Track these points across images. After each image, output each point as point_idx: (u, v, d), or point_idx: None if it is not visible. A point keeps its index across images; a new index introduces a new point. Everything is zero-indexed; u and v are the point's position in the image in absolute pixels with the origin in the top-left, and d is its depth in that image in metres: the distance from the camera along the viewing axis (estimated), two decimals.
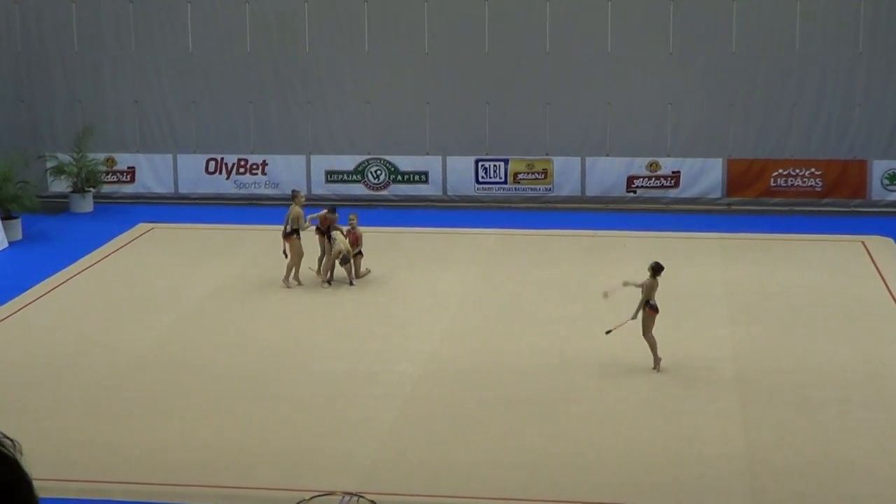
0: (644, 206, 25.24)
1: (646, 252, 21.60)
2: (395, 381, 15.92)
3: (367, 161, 25.92)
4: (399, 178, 25.91)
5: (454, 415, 14.88)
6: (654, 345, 16.09)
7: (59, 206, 25.33)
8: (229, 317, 18.62)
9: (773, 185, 25.18)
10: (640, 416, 14.80)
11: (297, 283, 19.96)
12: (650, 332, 16.07)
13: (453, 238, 23.12)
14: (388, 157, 25.87)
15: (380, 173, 25.90)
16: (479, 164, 25.72)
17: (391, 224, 23.45)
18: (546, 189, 25.63)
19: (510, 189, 25.70)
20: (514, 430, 14.39)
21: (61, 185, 25.76)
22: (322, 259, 20.22)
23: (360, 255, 20.25)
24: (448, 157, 25.76)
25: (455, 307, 19.00)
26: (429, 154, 25.81)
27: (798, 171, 25.09)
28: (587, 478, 13.25)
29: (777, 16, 24.63)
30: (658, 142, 25.28)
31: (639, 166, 25.37)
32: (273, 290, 19.83)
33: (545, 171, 25.60)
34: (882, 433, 14.31)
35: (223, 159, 26.20)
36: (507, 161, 25.65)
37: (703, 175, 25.32)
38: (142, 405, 15.25)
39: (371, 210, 24.02)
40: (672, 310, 18.63)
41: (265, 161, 26.11)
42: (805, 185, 25.11)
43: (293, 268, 19.95)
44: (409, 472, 13.43)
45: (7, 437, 2.70)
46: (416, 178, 25.89)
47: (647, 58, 24.92)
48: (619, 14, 24.86)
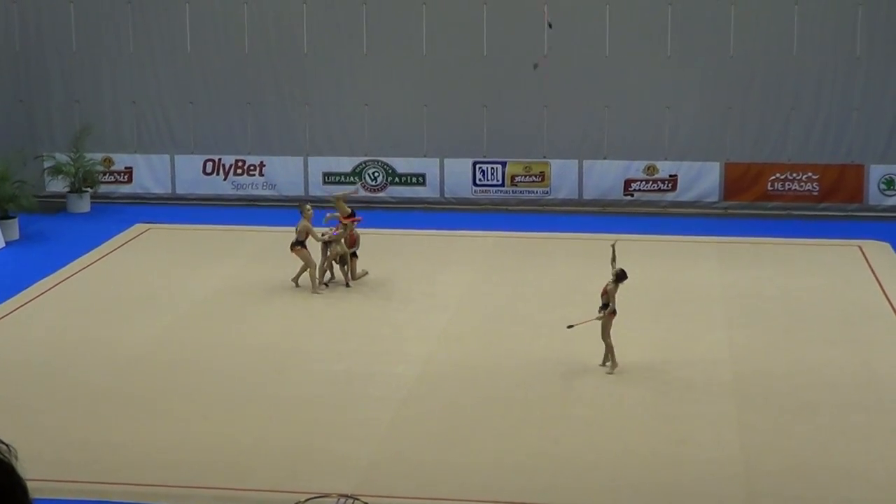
0: (641, 210, 25.26)
1: (643, 255, 21.66)
2: (392, 383, 15.92)
3: (365, 163, 25.92)
4: (396, 180, 25.91)
5: (451, 417, 14.89)
6: (611, 348, 16.12)
7: (56, 206, 25.32)
8: (226, 317, 18.61)
9: (770, 189, 25.20)
10: (635, 419, 14.81)
11: (325, 288, 19.89)
12: (609, 334, 16.10)
13: (450, 240, 23.12)
14: (385, 159, 25.88)
15: (377, 175, 25.91)
16: (477, 166, 25.72)
17: (388, 226, 23.44)
18: (543, 192, 25.64)
19: (507, 192, 25.71)
20: (510, 433, 14.39)
21: (58, 185, 25.74)
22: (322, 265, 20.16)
23: (355, 256, 20.24)
24: (445, 160, 25.76)
25: (452, 309, 19.00)
26: (426, 156, 25.81)
27: (795, 175, 25.11)
28: (583, 480, 13.26)
29: (775, 20, 24.64)
30: (655, 145, 25.30)
31: (636, 170, 25.39)
32: (270, 291, 19.84)
33: (542, 174, 25.61)
34: (878, 437, 14.32)
35: (221, 160, 26.19)
36: (504, 164, 25.66)
37: (701, 179, 25.33)
38: (139, 406, 15.24)
39: (368, 212, 23.99)
40: (668, 313, 18.69)
41: (262, 162, 26.10)
42: (802, 190, 25.13)
43: (315, 274, 19.81)
44: (405, 474, 13.43)
45: (3, 443, 2.69)
46: (414, 180, 25.89)
47: (644, 61, 24.94)
48: (616, 17, 24.87)
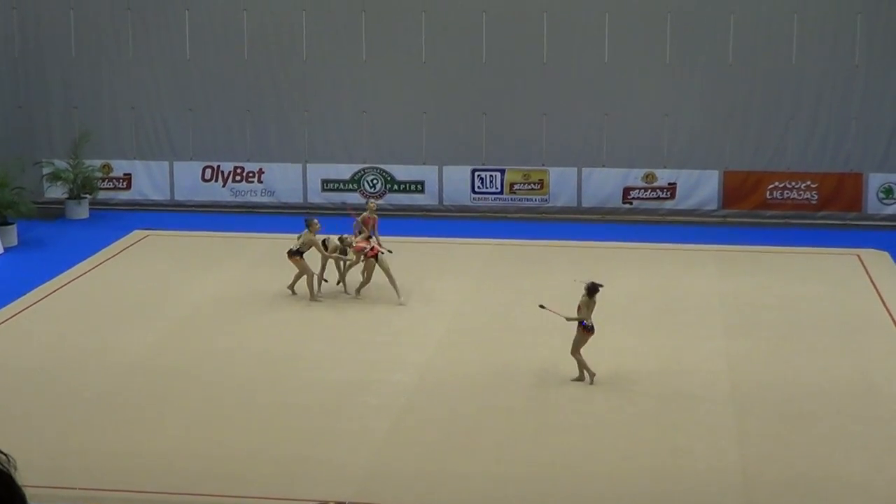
0: (640, 218, 25.26)
1: (642, 263, 21.67)
2: (389, 391, 15.89)
3: (364, 170, 25.92)
4: (395, 187, 25.91)
5: (449, 425, 14.87)
6: (582, 363, 16.02)
7: (55, 213, 25.33)
8: (224, 324, 18.59)
9: (769, 197, 25.21)
10: (633, 429, 14.78)
11: (321, 297, 19.86)
12: (579, 351, 16.00)
13: (449, 248, 23.11)
14: (384, 167, 25.88)
15: (376, 182, 25.91)
16: (476, 174, 25.72)
17: (387, 233, 23.41)
18: (542, 200, 25.64)
19: (506, 199, 25.71)
20: (508, 441, 14.37)
21: (57, 192, 25.75)
22: (321, 275, 20.14)
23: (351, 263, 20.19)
24: (444, 167, 25.77)
25: (450, 317, 18.99)
26: (425, 164, 25.81)
27: (794, 183, 25.12)
28: (581, 489, 13.24)
29: (774, 28, 24.66)
30: (654, 153, 25.31)
31: (635, 177, 25.39)
32: (269, 299, 19.82)
33: (541, 182, 25.61)
34: (877, 447, 14.30)
35: (219, 167, 26.19)
36: (503, 171, 25.66)
37: (700, 187, 25.34)
38: (136, 413, 15.22)
39: None
40: (667, 321, 18.68)
41: (261, 169, 26.10)
42: (801, 198, 25.14)
43: (312, 283, 19.79)
44: (403, 483, 13.41)
45: (2, 453, 2.68)
46: (413, 187, 25.89)
47: (643, 69, 24.95)
48: (616, 25, 24.89)
